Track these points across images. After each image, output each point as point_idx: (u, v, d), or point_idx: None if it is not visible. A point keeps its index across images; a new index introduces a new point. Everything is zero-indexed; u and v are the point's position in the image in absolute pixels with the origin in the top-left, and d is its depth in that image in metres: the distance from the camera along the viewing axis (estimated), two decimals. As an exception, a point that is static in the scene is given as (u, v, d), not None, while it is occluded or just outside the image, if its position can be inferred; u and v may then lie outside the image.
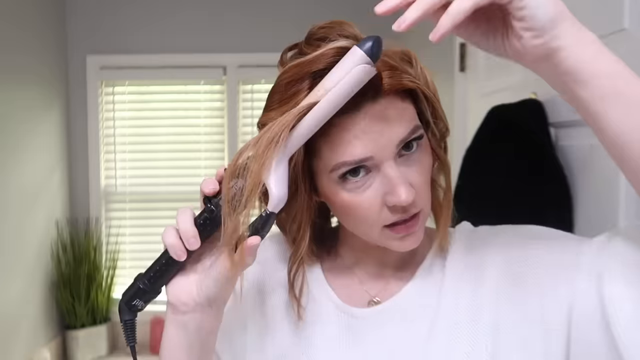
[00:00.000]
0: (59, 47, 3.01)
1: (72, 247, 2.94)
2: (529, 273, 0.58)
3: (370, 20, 0.61)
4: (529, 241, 0.60)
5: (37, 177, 2.73)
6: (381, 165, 0.55)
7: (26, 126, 2.63)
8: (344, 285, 0.68)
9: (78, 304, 2.86)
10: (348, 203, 0.56)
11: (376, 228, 0.58)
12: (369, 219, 0.57)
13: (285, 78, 0.56)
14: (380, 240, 0.59)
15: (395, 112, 0.54)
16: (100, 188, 3.15)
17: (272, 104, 0.58)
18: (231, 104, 3.12)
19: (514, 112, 1.09)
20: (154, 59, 3.09)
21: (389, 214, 0.56)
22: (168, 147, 3.18)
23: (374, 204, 0.56)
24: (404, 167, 0.56)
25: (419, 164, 0.57)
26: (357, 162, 0.54)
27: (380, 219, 0.57)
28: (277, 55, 0.62)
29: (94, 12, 3.09)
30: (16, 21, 2.54)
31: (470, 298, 0.60)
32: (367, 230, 0.59)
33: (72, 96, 3.12)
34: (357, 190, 0.56)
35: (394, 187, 0.54)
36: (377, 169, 0.55)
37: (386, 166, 0.54)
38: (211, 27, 3.10)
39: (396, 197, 0.54)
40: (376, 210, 0.56)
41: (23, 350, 2.56)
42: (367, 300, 0.66)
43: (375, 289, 0.66)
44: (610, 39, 0.87)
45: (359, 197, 0.56)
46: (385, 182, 0.55)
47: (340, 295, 0.67)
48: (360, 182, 0.55)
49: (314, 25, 0.59)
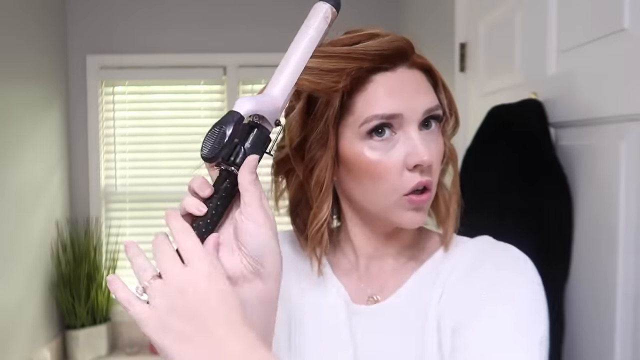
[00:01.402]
0: (59, 47, 3.01)
1: (72, 247, 2.94)
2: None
3: (370, 20, 0.62)
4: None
5: (37, 177, 2.73)
6: (406, 126, 0.59)
7: (26, 126, 2.63)
8: (348, 279, 0.69)
9: (78, 304, 2.86)
10: (371, 161, 0.59)
11: (395, 194, 0.60)
12: (389, 182, 0.59)
13: (321, 54, 0.60)
14: (394, 210, 0.61)
15: (424, 86, 0.61)
16: (100, 188, 3.15)
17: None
18: (231, 104, 3.11)
19: (514, 112, 1.09)
20: (154, 59, 3.09)
21: (409, 176, 0.59)
22: (168, 147, 3.17)
23: (395, 164, 0.59)
24: (424, 137, 0.60)
25: (435, 143, 0.61)
26: (388, 116, 0.58)
27: (400, 183, 0.59)
28: (277, 55, 0.63)
29: (94, 12, 3.09)
30: (16, 21, 2.54)
31: (459, 310, 0.60)
32: (384, 196, 0.60)
33: (72, 96, 3.12)
34: (381, 149, 0.59)
35: (417, 148, 0.58)
36: (401, 130, 0.59)
37: (410, 129, 0.59)
38: (211, 27, 3.10)
39: (418, 156, 0.58)
40: (397, 171, 0.59)
41: (23, 350, 2.56)
42: (366, 297, 0.67)
43: (375, 287, 0.67)
44: (610, 39, 0.87)
45: (382, 155, 0.59)
46: (408, 143, 0.59)
47: (347, 288, 0.68)
48: (385, 141, 0.59)
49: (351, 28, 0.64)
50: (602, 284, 0.88)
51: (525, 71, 1.20)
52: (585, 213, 0.95)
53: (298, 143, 0.63)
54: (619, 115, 0.85)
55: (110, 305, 3.03)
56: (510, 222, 1.03)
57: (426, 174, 0.60)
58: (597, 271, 0.90)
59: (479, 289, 0.59)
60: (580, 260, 0.96)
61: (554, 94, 1.03)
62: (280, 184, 0.68)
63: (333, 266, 0.70)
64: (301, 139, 0.62)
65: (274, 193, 0.68)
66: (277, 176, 0.68)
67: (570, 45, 1.00)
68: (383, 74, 0.59)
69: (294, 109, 0.63)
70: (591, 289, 0.92)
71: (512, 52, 1.26)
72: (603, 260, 0.88)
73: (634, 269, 0.82)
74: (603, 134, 0.89)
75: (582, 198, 0.95)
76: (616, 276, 0.85)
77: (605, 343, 0.87)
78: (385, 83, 0.59)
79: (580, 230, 0.96)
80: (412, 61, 0.61)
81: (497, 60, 1.40)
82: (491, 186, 1.09)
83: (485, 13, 1.47)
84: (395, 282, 0.66)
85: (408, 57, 0.60)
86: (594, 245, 0.91)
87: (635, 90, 0.80)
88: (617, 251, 0.85)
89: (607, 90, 0.88)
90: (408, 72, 0.60)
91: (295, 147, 0.63)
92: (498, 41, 1.38)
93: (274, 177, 0.68)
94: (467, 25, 1.62)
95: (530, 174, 1.01)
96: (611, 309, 0.86)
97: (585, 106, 0.94)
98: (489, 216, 1.03)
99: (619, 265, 0.84)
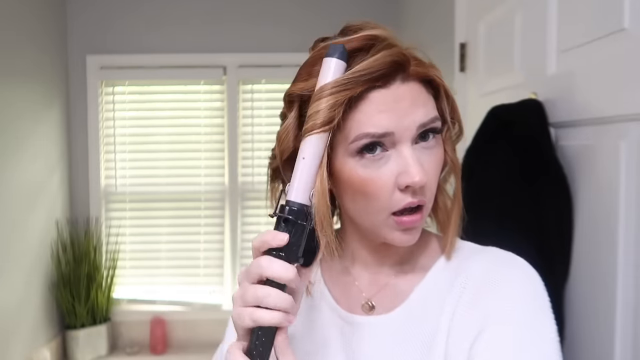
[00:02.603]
0: (59, 46, 3.01)
1: (72, 247, 2.94)
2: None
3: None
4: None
5: (37, 177, 2.73)
6: (399, 144, 0.57)
7: (26, 126, 2.63)
8: (340, 286, 0.68)
9: (78, 304, 2.86)
10: (362, 179, 0.58)
11: (384, 213, 0.58)
12: (380, 200, 0.58)
13: (315, 55, 0.60)
14: (384, 229, 0.60)
15: (420, 98, 0.58)
16: (100, 188, 3.15)
17: (300, 76, 0.61)
18: (231, 104, 3.12)
19: (514, 112, 1.09)
20: (154, 59, 3.09)
21: (400, 196, 0.57)
22: (168, 147, 3.17)
23: (386, 183, 0.57)
24: (418, 154, 0.58)
25: (433, 157, 0.59)
26: (379, 135, 0.56)
27: (391, 202, 0.58)
28: (277, 55, 0.63)
29: (94, 12, 3.09)
30: (16, 21, 2.54)
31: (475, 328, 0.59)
32: (374, 213, 0.59)
33: (72, 96, 3.12)
34: (372, 166, 0.57)
35: (409, 167, 0.56)
36: (394, 148, 0.57)
37: (403, 147, 0.57)
38: (211, 27, 3.10)
39: (410, 177, 0.56)
40: (388, 190, 0.57)
41: (23, 350, 2.56)
42: (361, 302, 0.66)
43: (371, 291, 0.66)
44: (610, 39, 0.87)
45: (373, 173, 0.57)
46: (400, 162, 0.57)
47: (335, 296, 0.67)
48: (376, 158, 0.57)
49: (350, 21, 0.63)
50: (602, 284, 0.88)
51: (525, 71, 1.20)
52: (585, 213, 0.94)
53: (289, 155, 0.61)
54: (619, 115, 0.84)
55: (110, 305, 3.03)
56: (510, 222, 1.03)
57: (419, 195, 0.58)
58: (597, 271, 0.90)
59: (491, 310, 0.58)
60: (580, 260, 0.96)
61: (554, 94, 1.03)
62: (276, 190, 0.67)
63: (324, 272, 0.69)
64: (292, 151, 0.60)
65: (271, 198, 0.67)
66: (273, 182, 0.67)
67: (570, 45, 1.00)
68: (377, 91, 0.56)
69: (287, 118, 0.61)
70: (591, 289, 0.92)
71: (512, 52, 1.26)
72: (603, 261, 0.88)
73: (633, 269, 0.82)
74: (603, 134, 0.89)
75: (582, 198, 0.95)
76: (616, 276, 0.85)
77: (605, 343, 0.87)
78: (377, 100, 0.56)
79: (580, 230, 0.96)
80: (408, 73, 0.57)
81: (497, 60, 1.40)
82: (491, 187, 1.09)
83: (485, 13, 1.47)
84: (395, 291, 0.65)
85: (404, 70, 0.57)
86: (594, 246, 0.91)
87: (635, 90, 0.80)
88: (617, 251, 0.84)
89: (607, 90, 0.88)
90: (403, 86, 0.57)
91: (286, 159, 0.61)
92: (498, 41, 1.38)
93: (270, 182, 0.67)
94: (467, 25, 1.62)
95: (530, 174, 1.01)
96: (611, 309, 0.86)
97: (585, 106, 0.94)
98: (489, 216, 1.03)
99: (619, 265, 0.84)
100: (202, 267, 3.19)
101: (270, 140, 3.05)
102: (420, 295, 0.64)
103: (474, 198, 1.14)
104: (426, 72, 0.59)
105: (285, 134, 0.60)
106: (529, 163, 1.01)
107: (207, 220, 3.18)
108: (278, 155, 0.62)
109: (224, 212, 3.17)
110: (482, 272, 0.62)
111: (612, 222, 0.86)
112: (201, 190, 3.18)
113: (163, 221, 3.17)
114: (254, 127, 3.14)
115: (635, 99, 0.80)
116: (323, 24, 3.05)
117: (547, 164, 0.98)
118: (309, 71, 0.59)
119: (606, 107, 0.88)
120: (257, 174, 3.14)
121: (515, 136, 1.06)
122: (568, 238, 0.97)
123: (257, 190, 3.15)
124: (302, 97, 0.59)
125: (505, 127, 1.09)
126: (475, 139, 1.19)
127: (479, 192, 1.06)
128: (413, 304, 0.63)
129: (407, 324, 0.62)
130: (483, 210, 0.99)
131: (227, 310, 3.14)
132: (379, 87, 0.56)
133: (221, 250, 3.18)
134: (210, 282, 3.18)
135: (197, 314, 3.14)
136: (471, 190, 1.18)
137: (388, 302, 0.65)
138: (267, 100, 3.14)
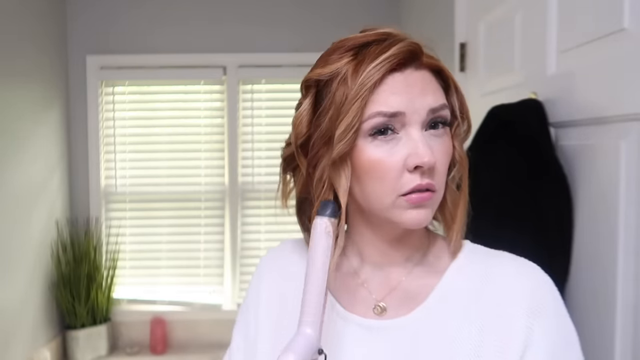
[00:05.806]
0: (59, 47, 3.01)
1: (72, 247, 2.94)
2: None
3: (370, 20, 0.62)
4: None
5: (37, 177, 2.73)
6: (409, 126, 0.59)
7: (26, 126, 2.63)
8: (348, 291, 0.67)
9: (78, 304, 2.86)
10: (372, 159, 0.59)
11: (392, 195, 0.59)
12: (388, 182, 0.59)
13: (332, 47, 0.63)
14: (394, 211, 0.60)
15: (430, 86, 0.61)
16: (100, 188, 3.15)
17: (317, 64, 0.64)
18: (231, 104, 3.12)
19: (514, 112, 1.09)
20: (154, 59, 3.09)
21: (408, 178, 0.58)
22: (168, 147, 3.17)
23: (396, 164, 0.59)
24: (427, 139, 0.60)
25: (442, 145, 0.61)
26: (390, 114, 0.58)
27: (399, 184, 0.59)
28: (277, 55, 0.64)
29: (94, 12, 3.09)
30: (16, 21, 2.54)
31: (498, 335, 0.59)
32: (383, 196, 0.60)
33: (72, 96, 3.12)
34: (383, 147, 0.59)
35: (418, 148, 0.58)
36: (404, 129, 0.59)
37: (413, 129, 0.59)
38: (211, 27, 3.10)
39: (419, 157, 0.57)
40: (397, 171, 0.59)
41: (23, 350, 2.56)
42: (372, 304, 0.65)
43: (381, 293, 0.66)
44: (610, 39, 0.87)
45: (384, 154, 0.59)
46: (409, 144, 0.59)
47: (344, 303, 0.66)
48: (387, 139, 0.59)
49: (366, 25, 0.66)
50: (602, 283, 0.88)
51: (525, 71, 1.20)
52: (585, 213, 0.95)
53: (303, 140, 0.63)
54: (619, 115, 0.85)
55: (110, 305, 3.03)
56: (511, 222, 1.03)
57: (427, 177, 0.58)
58: (597, 271, 0.90)
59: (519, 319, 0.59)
60: (580, 260, 0.96)
61: (554, 94, 1.03)
62: (288, 183, 0.69)
63: (328, 283, 0.69)
64: (306, 136, 0.63)
65: (282, 191, 0.69)
66: (284, 174, 0.69)
67: (570, 45, 1.00)
68: (391, 75, 0.59)
69: (302, 104, 0.64)
70: (591, 288, 0.92)
71: (512, 52, 1.26)
72: (603, 260, 0.88)
73: (634, 268, 0.82)
74: (603, 134, 0.89)
75: (582, 198, 0.95)
76: (616, 276, 0.85)
77: (605, 343, 0.87)
78: (392, 83, 0.59)
79: (580, 230, 0.96)
80: (421, 62, 0.61)
81: (497, 60, 1.40)
82: (491, 186, 1.09)
83: (485, 13, 1.47)
84: (408, 293, 0.64)
85: (417, 58, 0.60)
86: (594, 245, 0.91)
87: (635, 90, 0.80)
88: (617, 251, 0.85)
89: (607, 90, 0.88)
90: (416, 72, 0.60)
91: (300, 144, 0.64)
92: (498, 41, 1.38)
93: (282, 174, 0.69)
94: (467, 25, 1.62)
95: (530, 173, 1.01)
96: (611, 309, 0.86)
97: (585, 106, 0.94)
98: (489, 216, 1.03)
99: (619, 265, 0.84)
100: (202, 267, 3.19)
101: (270, 140, 3.07)
102: (438, 298, 0.63)
103: (473, 197, 1.14)
104: (437, 62, 0.62)
105: (300, 120, 0.63)
106: (529, 163, 1.01)
107: (207, 220, 3.18)
108: (293, 140, 0.65)
109: (224, 212, 3.17)
110: (522, 290, 0.61)
111: (612, 222, 0.86)
112: (201, 191, 3.18)
113: (163, 221, 3.17)
114: (254, 127, 3.14)
115: (635, 99, 0.80)
116: (323, 24, 3.06)
117: (547, 164, 0.98)
118: (326, 59, 0.62)
119: (606, 107, 0.88)
120: (257, 174, 3.14)
121: (515, 136, 1.06)
122: (568, 238, 0.97)
123: (257, 190, 3.15)
124: (319, 82, 0.62)
125: (505, 127, 1.10)
126: (475, 139, 1.19)
127: (478, 192, 1.06)
128: (431, 307, 0.63)
129: (425, 328, 0.61)
130: (482, 210, 0.99)
131: (227, 310, 3.14)
132: (393, 71, 0.59)
133: (221, 251, 3.18)
134: (210, 282, 3.18)
135: (197, 314, 3.14)
136: (470, 190, 1.18)
137: (401, 304, 0.64)
138: (267, 100, 3.14)
